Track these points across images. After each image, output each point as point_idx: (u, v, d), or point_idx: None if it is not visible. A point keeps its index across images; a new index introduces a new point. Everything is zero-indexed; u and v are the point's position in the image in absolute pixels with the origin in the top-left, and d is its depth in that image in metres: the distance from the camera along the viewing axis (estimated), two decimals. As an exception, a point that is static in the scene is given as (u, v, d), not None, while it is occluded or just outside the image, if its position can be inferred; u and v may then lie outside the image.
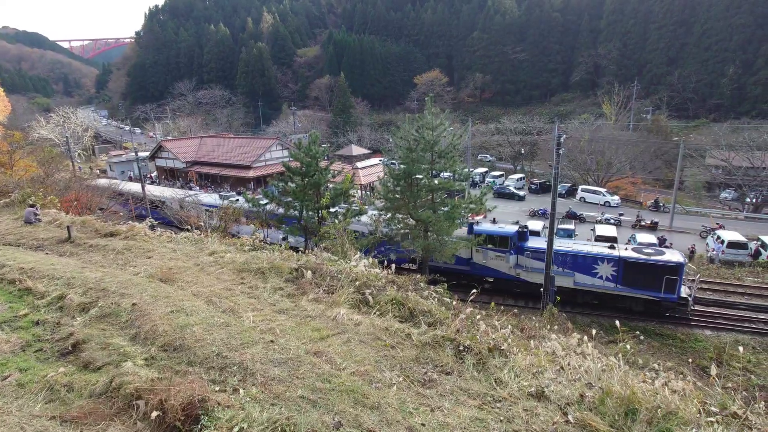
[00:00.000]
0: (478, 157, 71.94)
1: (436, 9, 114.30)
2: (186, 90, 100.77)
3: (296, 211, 19.84)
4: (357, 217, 19.29)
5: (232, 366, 4.17)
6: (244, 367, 4.16)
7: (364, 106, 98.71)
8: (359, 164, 47.14)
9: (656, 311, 19.19)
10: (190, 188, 45.16)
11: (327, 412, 3.63)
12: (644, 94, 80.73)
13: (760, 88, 74.20)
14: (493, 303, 11.33)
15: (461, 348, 5.38)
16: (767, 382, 12.43)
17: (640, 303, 19.64)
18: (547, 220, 22.47)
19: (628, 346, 6.56)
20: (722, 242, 26.71)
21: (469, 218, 23.07)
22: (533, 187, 51.59)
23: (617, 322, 6.70)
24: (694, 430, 3.69)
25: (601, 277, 19.97)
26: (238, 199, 25.58)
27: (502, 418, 4.06)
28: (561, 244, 21.07)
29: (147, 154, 59.24)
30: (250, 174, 49.12)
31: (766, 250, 25.00)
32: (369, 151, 64.81)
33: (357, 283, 7.80)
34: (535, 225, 27.80)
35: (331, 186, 20.94)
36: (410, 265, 23.29)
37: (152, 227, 11.37)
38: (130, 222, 12.55)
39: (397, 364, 4.96)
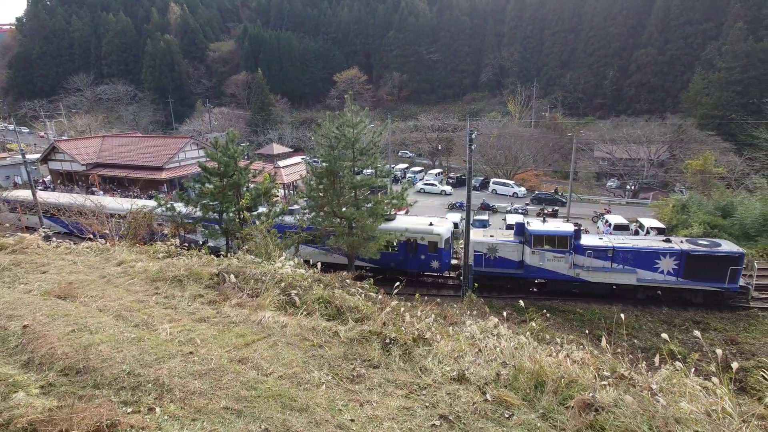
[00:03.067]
0: (399, 154, 73.46)
1: (353, 7, 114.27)
2: (83, 85, 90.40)
3: (216, 214, 18.81)
4: (280, 217, 18.75)
5: (147, 384, 3.84)
6: (160, 383, 3.85)
7: (284, 104, 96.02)
8: (281, 163, 45.87)
9: (716, 302, 19.23)
10: (93, 193, 40.82)
11: (253, 420, 3.49)
12: (543, 94, 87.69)
13: (633, 89, 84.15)
14: (417, 294, 11.68)
15: (388, 341, 5.45)
16: (647, 344, 14.26)
17: (699, 295, 19.50)
18: (464, 212, 23.50)
19: (534, 324, 7.08)
20: (609, 225, 29.98)
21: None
22: (450, 181, 53.89)
23: (521, 302, 7.19)
24: (590, 393, 4.07)
25: (662, 272, 19.47)
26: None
27: (427, 404, 4.17)
28: (624, 241, 20.51)
29: (38, 156, 52.40)
30: (163, 176, 45.58)
31: (642, 230, 28.42)
32: (291, 150, 63.27)
33: (282, 284, 7.58)
34: (454, 217, 29.14)
35: (252, 186, 20.12)
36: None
37: (47, 238, 10.10)
38: (19, 234, 11.04)
39: (325, 363, 4.91)
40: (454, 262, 23.64)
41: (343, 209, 18.63)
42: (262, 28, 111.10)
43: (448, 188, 50.23)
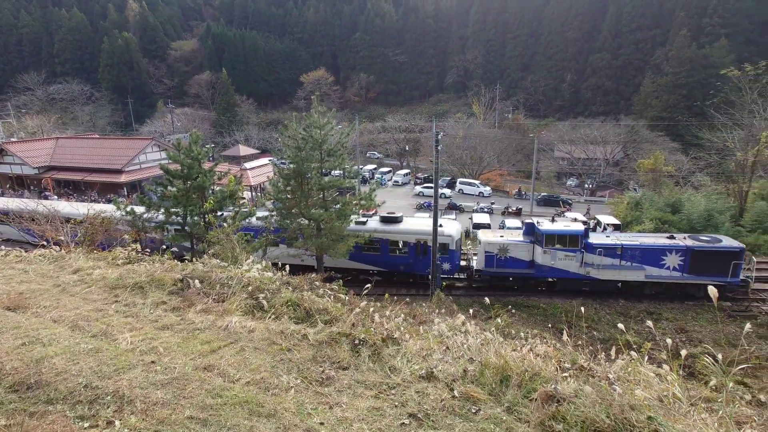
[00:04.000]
0: (367, 155, 73.49)
1: (319, 8, 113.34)
2: (33, 83, 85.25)
3: (179, 217, 18.20)
4: (247, 220, 18.35)
5: (105, 396, 3.67)
6: (120, 395, 3.69)
7: (250, 105, 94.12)
8: (248, 165, 44.91)
9: (720, 295, 19.11)
10: (46, 197, 38.65)
11: (219, 429, 3.40)
12: (506, 96, 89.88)
13: (590, 92, 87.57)
14: (387, 294, 11.71)
15: (357, 342, 5.43)
16: (606, 335, 14.89)
17: (702, 289, 19.34)
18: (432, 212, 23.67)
19: (500, 320, 7.22)
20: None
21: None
22: (418, 181, 54.34)
23: (486, 299, 7.31)
24: (553, 385, 4.19)
25: (668, 268, 19.72)
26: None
27: (396, 403, 4.19)
28: (632, 239, 20.69)
29: (-17, 159, 49.11)
30: (122, 179, 43.70)
31: (600, 227, 29.60)
32: (257, 151, 62.13)
33: (250, 288, 7.42)
34: (423, 216, 29.46)
35: (217, 189, 19.60)
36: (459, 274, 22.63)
37: (-5, 246, 9.49)
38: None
39: (294, 367, 4.84)
40: (462, 263, 23.37)
41: (312, 211, 18.44)
42: (226, 27, 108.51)
43: (447, 191, 49.45)
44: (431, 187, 50.22)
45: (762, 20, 78.77)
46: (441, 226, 21.70)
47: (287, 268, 10.26)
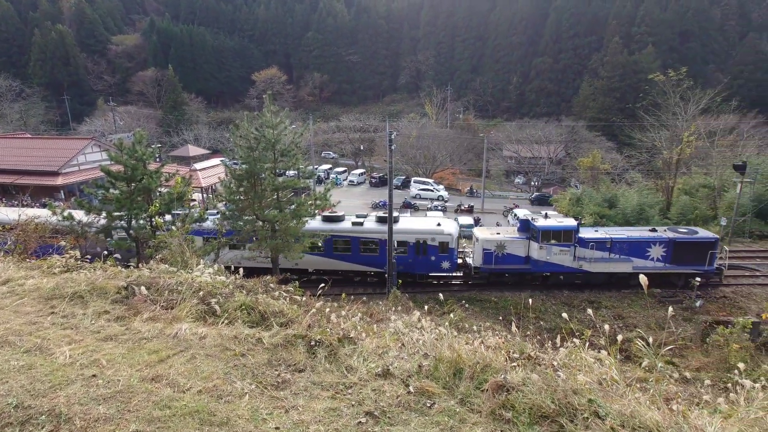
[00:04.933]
0: (322, 155, 72.74)
1: (270, 5, 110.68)
2: (-47, 79, 77.48)
3: (123, 222, 17.15)
4: (198, 223, 17.59)
5: (39, 416, 3.40)
6: (57, 413, 3.43)
7: (200, 103, 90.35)
8: (198, 165, 43.08)
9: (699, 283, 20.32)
10: (-29, 202, 35.17)
11: (168, 441, 3.24)
12: (456, 97, 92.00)
13: (534, 94, 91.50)
14: (344, 294, 11.65)
15: (313, 343, 5.36)
16: (552, 324, 15.64)
17: (682, 278, 20.58)
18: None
19: (453, 315, 7.37)
20: (518, 218, 32.32)
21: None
22: (373, 181, 54.46)
23: (440, 296, 7.45)
24: (502, 375, 4.34)
25: (653, 259, 20.45)
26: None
27: (353, 402, 4.18)
28: (619, 233, 21.24)
29: None
30: (59, 181, 40.60)
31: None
32: (208, 152, 59.84)
33: (201, 293, 7.12)
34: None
35: (165, 191, 18.64)
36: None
37: None
38: None
39: (248, 372, 4.71)
40: (459, 261, 23.20)
41: (266, 212, 17.99)
42: (171, 22, 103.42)
43: (445, 194, 48.82)
44: (429, 189, 49.99)
45: (682, 30, 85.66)
46: (439, 224, 21.79)
47: (241, 271, 9.96)
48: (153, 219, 16.56)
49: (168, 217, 16.92)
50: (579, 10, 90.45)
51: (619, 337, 6.63)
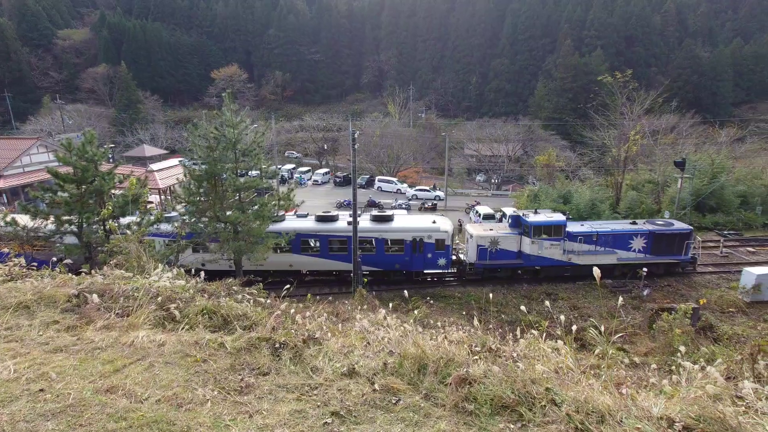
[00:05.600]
0: (285, 154, 71.50)
1: (228, 1, 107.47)
2: None
3: (74, 226, 16.18)
4: (155, 226, 16.86)
5: (-21, 438, 3.16)
6: (0, 433, 3.20)
7: (155, 101, 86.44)
8: (155, 166, 41.28)
9: (674, 272, 21.78)
10: None
11: (125, 454, 3.10)
12: (418, 96, 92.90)
13: (493, 94, 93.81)
14: (309, 294, 11.51)
15: (277, 345, 5.27)
16: (512, 317, 16.12)
17: (661, 267, 21.59)
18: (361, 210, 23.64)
19: (416, 312, 7.44)
20: (479, 215, 33.06)
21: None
22: (337, 180, 54.11)
23: (405, 293, 7.51)
24: (465, 369, 4.42)
25: (634, 250, 21.40)
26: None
27: (319, 403, 4.15)
28: (602, 226, 22.07)
29: None
30: (1, 184, 37.82)
31: (505, 219, 31.94)
32: (166, 152, 57.51)
33: (159, 298, 6.84)
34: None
35: (119, 193, 17.73)
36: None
37: None
38: None
39: (210, 378, 4.57)
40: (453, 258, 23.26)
41: (227, 213, 17.50)
42: (123, 17, 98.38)
43: (441, 194, 48.40)
44: (425, 190, 49.75)
45: (627, 35, 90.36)
46: (435, 222, 21.84)
47: (202, 274, 9.65)
48: (106, 223, 15.74)
49: (123, 220, 16.13)
50: (533, 13, 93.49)
51: (574, 327, 6.92)
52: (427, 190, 49.49)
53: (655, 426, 3.69)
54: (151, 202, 33.41)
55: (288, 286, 8.57)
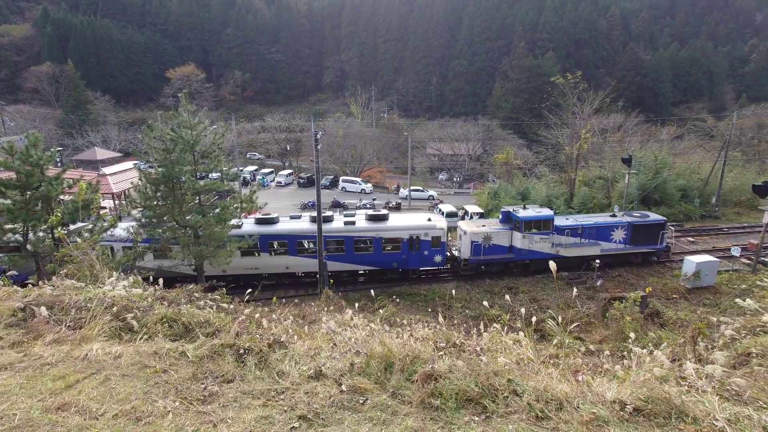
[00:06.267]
0: (247, 156, 69.77)
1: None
2: None
3: (18, 235, 15.10)
4: (109, 232, 15.99)
5: None
6: (-64, 463, 2.95)
7: (107, 102, 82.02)
8: (107, 170, 39.18)
9: (650, 260, 22.66)
10: None
11: (79, 475, 2.93)
12: (380, 97, 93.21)
13: (453, 94, 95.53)
14: (275, 297, 11.29)
15: (242, 351, 5.14)
16: (476, 312, 16.49)
17: (639, 256, 22.56)
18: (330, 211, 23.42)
19: (382, 311, 7.47)
20: (443, 213, 33.58)
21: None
22: (301, 181, 53.40)
23: (372, 292, 7.51)
24: (430, 365, 4.48)
25: (615, 241, 22.26)
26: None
27: (286, 408, 4.09)
28: (586, 219, 22.72)
29: None
30: (-67, 190, 34.64)
31: (468, 216, 32.62)
32: (119, 154, 54.79)
33: (115, 308, 6.51)
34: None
35: (68, 198, 16.68)
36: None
37: None
38: None
39: (171, 389, 4.40)
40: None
41: (187, 217, 16.87)
42: (69, 13, 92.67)
43: (434, 193, 48.32)
44: (418, 190, 49.17)
45: (576, 38, 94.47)
46: (430, 219, 22.06)
47: (161, 281, 9.28)
48: (55, 230, 14.79)
49: (74, 227, 15.21)
50: (488, 16, 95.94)
51: (534, 319, 7.17)
52: (421, 190, 49.77)
53: (609, 410, 3.88)
54: (104, 208, 31.74)
55: (250, 290, 8.38)
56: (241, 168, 46.37)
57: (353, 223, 21.26)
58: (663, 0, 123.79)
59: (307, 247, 20.96)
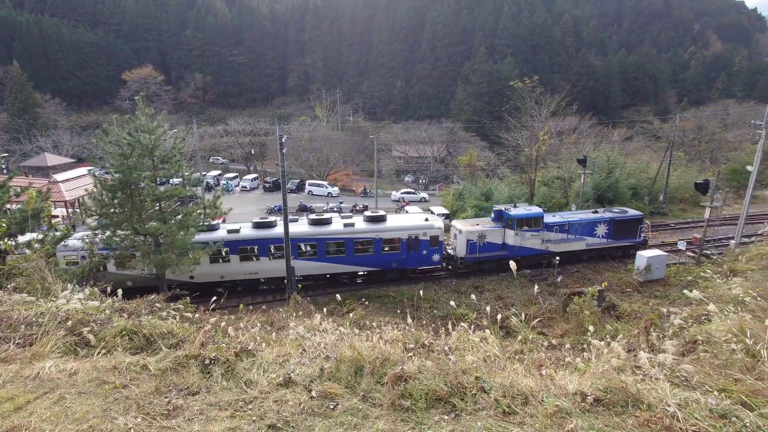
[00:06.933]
0: (210, 160, 67.76)
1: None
2: None
3: (-41, 246, 13.95)
4: (64, 242, 15.09)
5: None
6: None
7: (57, 105, 77.46)
8: (59, 177, 36.98)
9: (629, 253, 23.53)
10: None
11: (30, 504, 2.73)
12: (345, 100, 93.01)
13: (417, 98, 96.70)
14: (241, 305, 11.01)
15: (207, 362, 4.97)
16: (444, 312, 16.69)
17: (619, 250, 23.35)
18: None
19: (352, 315, 7.43)
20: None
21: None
22: (267, 185, 52.41)
23: (338, 296, 7.47)
24: (400, 367, 4.49)
25: (599, 236, 23.15)
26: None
27: (254, 417, 3.99)
28: (572, 216, 23.69)
29: None
30: None
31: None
32: (72, 160, 51.83)
33: (69, 322, 6.15)
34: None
35: (17, 207, 15.59)
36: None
37: None
38: None
39: (132, 404, 4.20)
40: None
41: (147, 225, 16.16)
42: (13, 11, 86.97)
43: (426, 195, 48.17)
44: (410, 192, 48.61)
45: (533, 44, 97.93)
46: (427, 219, 22.24)
47: (119, 292, 8.85)
48: (0, 241, 13.78)
49: (22, 238, 14.25)
50: (450, 21, 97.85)
51: (499, 316, 7.34)
52: (414, 193, 50.05)
53: (571, 402, 4.02)
54: (57, 216, 29.97)
55: (215, 297, 8.13)
56: (203, 173, 44.97)
57: (353, 224, 21.30)
58: (611, 8, 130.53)
59: (305, 250, 20.81)
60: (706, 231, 22.76)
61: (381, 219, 21.70)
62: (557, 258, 20.60)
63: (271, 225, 20.93)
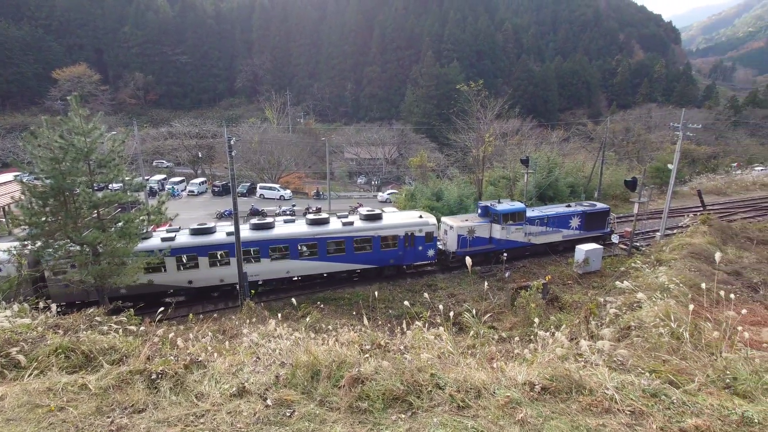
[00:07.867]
0: (154, 164, 64.00)
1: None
2: None
3: None
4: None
5: None
6: None
7: (-25, 105, 70.04)
8: (-22, 182, 33.42)
9: (602, 241, 24.79)
10: None
11: None
12: (296, 102, 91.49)
13: (368, 100, 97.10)
14: (191, 314, 10.48)
15: (154, 376, 4.70)
16: (399, 311, 16.82)
17: (591, 240, 24.16)
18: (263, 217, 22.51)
19: (308, 319, 7.33)
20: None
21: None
22: (216, 189, 50.40)
23: (294, 300, 7.35)
24: (356, 369, 4.47)
25: (573, 228, 24.63)
26: None
27: (206, 431, 3.82)
28: (549, 210, 24.98)
29: None
30: None
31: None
32: (-7, 164, 46.91)
33: (-6, 343, 5.60)
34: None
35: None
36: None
37: None
38: None
39: (70, 428, 3.89)
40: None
41: (84, 233, 14.96)
42: None
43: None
44: (395, 193, 46.71)
45: (477, 49, 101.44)
46: (421, 216, 22.76)
47: (53, 307, 8.17)
48: None
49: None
50: (398, 25, 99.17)
51: (452, 313, 7.51)
52: (397, 193, 48.47)
53: (521, 392, 4.19)
54: (-23, 227, 27.01)
55: (162, 308, 7.70)
56: (146, 177, 42.41)
57: (351, 223, 21.51)
58: (547, 17, 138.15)
59: (304, 250, 20.69)
60: (635, 225, 24.59)
61: (377, 217, 22.20)
62: (505, 254, 21.45)
63: (269, 227, 20.76)
